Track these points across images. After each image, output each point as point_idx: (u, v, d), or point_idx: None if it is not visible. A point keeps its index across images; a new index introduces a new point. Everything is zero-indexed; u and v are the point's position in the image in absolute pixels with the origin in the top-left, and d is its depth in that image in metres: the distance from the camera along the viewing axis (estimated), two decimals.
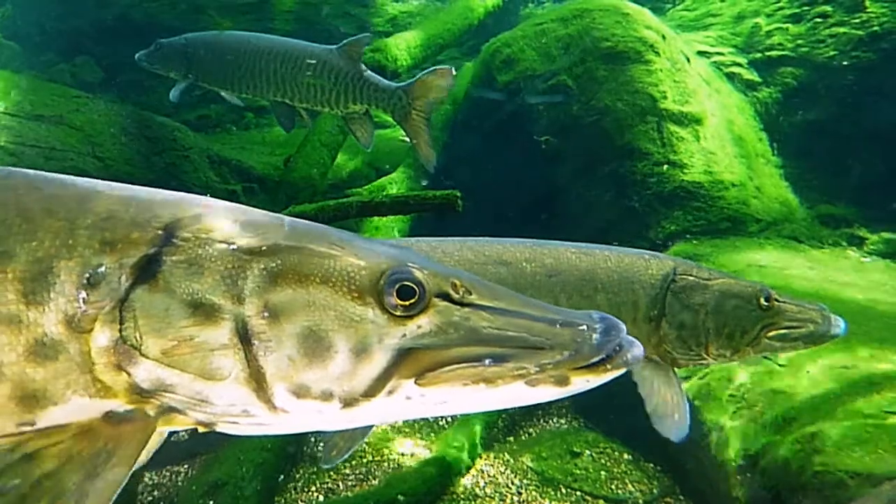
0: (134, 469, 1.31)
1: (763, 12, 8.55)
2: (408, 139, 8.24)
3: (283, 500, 5.02)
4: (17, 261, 1.27)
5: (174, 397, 1.31)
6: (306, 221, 1.51)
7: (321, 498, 5.08)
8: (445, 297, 1.39)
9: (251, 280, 1.32)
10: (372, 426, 2.67)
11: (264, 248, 1.36)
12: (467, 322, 1.37)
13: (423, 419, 6.20)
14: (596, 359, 1.35)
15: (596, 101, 7.30)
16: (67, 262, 1.28)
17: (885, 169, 7.17)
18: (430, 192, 5.35)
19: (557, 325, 1.39)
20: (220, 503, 4.54)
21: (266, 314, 1.31)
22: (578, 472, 5.43)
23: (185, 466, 5.36)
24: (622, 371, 1.38)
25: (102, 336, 1.28)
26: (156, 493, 5.13)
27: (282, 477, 5.11)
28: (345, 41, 4.89)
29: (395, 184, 7.39)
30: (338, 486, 5.20)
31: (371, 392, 1.33)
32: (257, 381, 1.31)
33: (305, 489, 5.14)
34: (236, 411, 1.34)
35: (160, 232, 1.35)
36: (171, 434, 5.84)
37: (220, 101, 8.81)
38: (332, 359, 1.31)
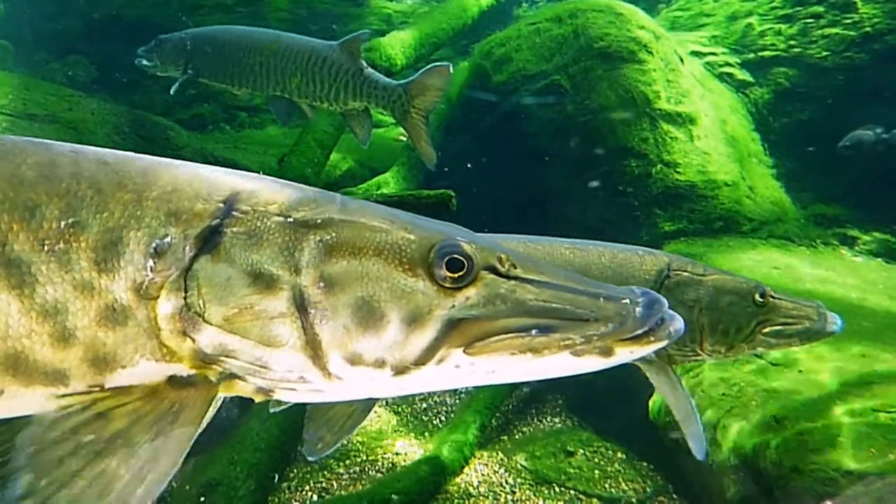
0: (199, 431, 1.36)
1: (756, 13, 8.57)
2: (404, 138, 8.26)
3: (277, 500, 5.01)
4: (90, 230, 1.33)
5: (235, 363, 1.38)
6: (356, 199, 1.56)
7: (315, 497, 5.07)
8: (492, 270, 1.44)
9: (307, 252, 1.39)
10: (362, 420, 2.65)
11: (319, 221, 1.42)
12: (514, 294, 1.42)
13: (417, 419, 6.20)
14: (640, 331, 1.40)
15: (590, 100, 7.31)
16: (136, 233, 1.35)
17: (877, 169, 7.19)
18: (424, 191, 5.35)
19: (601, 299, 1.43)
20: (213, 503, 4.53)
21: (322, 284, 1.37)
22: (572, 470, 5.43)
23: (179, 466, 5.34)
24: (665, 343, 1.42)
25: (168, 303, 1.34)
26: None
27: (276, 477, 5.10)
28: (345, 38, 4.88)
29: (388, 183, 7.38)
30: (332, 485, 5.19)
31: (422, 360, 1.39)
32: (313, 348, 1.36)
33: (299, 489, 5.13)
34: (293, 377, 1.40)
35: (221, 205, 1.41)
36: None
37: (214, 101, 8.82)
38: (384, 328, 1.37)
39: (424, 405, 6.41)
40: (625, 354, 1.42)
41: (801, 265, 6.47)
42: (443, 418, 6.22)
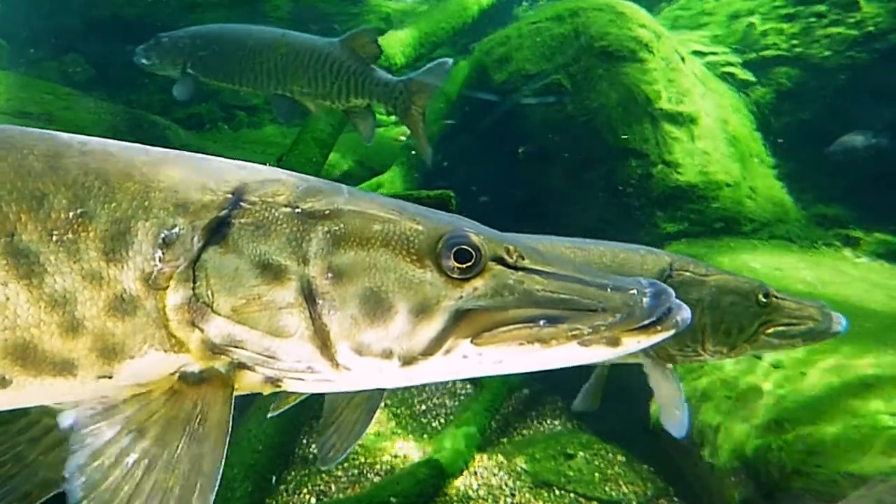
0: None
1: (758, 12, 8.54)
2: (403, 138, 8.22)
3: (274, 502, 4.98)
4: (98, 221, 1.33)
5: (244, 353, 1.38)
6: (363, 190, 1.56)
7: (313, 500, 5.04)
8: (500, 261, 1.45)
9: (315, 242, 1.39)
10: (368, 425, 2.65)
11: (327, 211, 1.43)
12: (522, 285, 1.43)
13: (416, 422, 6.16)
14: (647, 321, 1.41)
15: (590, 100, 7.28)
16: (144, 223, 1.35)
17: (880, 169, 7.16)
18: (423, 191, 5.32)
19: (609, 289, 1.44)
20: None
21: (330, 275, 1.38)
22: (572, 473, 5.41)
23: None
24: (672, 333, 1.43)
25: (177, 294, 1.34)
26: None
27: (274, 479, 5.07)
28: (347, 34, 4.85)
29: (387, 183, 7.36)
30: (330, 488, 5.16)
31: (429, 351, 1.39)
32: (322, 338, 1.37)
33: (297, 491, 5.10)
34: (302, 367, 1.40)
35: (229, 196, 1.41)
36: None
37: (213, 100, 8.78)
38: (392, 319, 1.37)
39: (423, 407, 6.38)
40: (632, 344, 1.43)
41: (803, 266, 6.44)
42: (442, 421, 6.19)
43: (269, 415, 2.80)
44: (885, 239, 7.13)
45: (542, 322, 1.39)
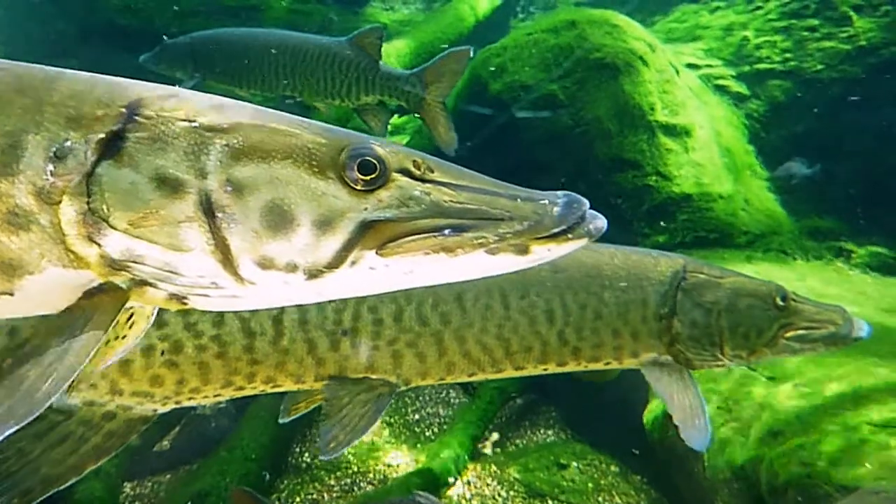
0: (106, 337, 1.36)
1: (752, 25, 8.61)
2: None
3: None
4: None
5: (144, 269, 1.37)
6: (273, 110, 1.55)
7: None
8: (407, 173, 1.44)
9: (213, 155, 1.37)
10: (373, 423, 2.64)
11: (226, 125, 1.40)
12: (428, 196, 1.42)
13: (409, 431, 6.14)
14: (557, 229, 1.40)
15: (585, 111, 7.30)
16: (35, 136, 1.33)
17: (872, 182, 7.21)
18: None
19: (519, 200, 1.44)
20: None
21: (229, 188, 1.35)
22: (565, 483, 5.39)
23: (167, 477, 5.29)
24: (584, 242, 1.42)
25: (71, 208, 1.32)
26: None
27: (267, 480, 5.04)
28: (355, 32, 4.86)
29: None
30: (322, 497, 5.14)
31: (334, 263, 1.38)
32: (223, 252, 1.36)
33: (289, 500, 5.08)
34: (205, 283, 1.40)
35: (124, 110, 1.39)
36: (153, 444, 5.61)
37: None
38: (295, 231, 1.36)
39: (416, 416, 6.36)
40: (542, 252, 1.42)
41: (796, 278, 6.46)
42: (435, 430, 6.17)
43: (281, 421, 2.79)
44: (877, 251, 7.17)
45: (447, 231, 1.39)
